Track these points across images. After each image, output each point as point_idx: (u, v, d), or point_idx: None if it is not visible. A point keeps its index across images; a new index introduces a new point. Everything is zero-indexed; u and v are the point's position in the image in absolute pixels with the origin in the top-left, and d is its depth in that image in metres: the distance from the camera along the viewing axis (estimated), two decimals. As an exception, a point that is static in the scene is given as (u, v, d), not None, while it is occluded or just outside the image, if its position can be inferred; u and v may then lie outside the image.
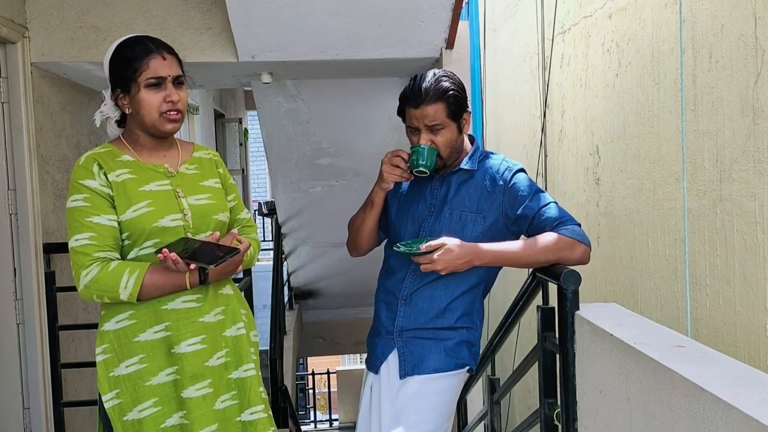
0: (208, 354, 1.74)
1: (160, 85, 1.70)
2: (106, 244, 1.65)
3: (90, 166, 1.69)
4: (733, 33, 1.99)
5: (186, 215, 1.73)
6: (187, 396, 1.70)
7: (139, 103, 1.70)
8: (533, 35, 3.85)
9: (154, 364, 1.70)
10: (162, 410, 1.70)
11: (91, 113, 3.75)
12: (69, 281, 3.37)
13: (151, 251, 1.68)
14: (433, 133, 1.88)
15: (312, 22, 3.12)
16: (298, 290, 7.58)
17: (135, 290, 1.63)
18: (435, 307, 1.97)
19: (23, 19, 3.08)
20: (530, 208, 1.89)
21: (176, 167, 1.79)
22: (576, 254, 1.82)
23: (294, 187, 5.52)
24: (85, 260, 1.63)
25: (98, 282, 1.62)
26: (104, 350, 1.71)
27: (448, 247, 1.78)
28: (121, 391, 1.69)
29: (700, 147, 2.17)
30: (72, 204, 1.67)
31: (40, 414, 3.03)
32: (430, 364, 1.96)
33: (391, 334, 2.01)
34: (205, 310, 1.75)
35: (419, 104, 1.86)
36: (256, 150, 11.74)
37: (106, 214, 1.66)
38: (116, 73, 1.71)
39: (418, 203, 2.00)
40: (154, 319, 1.70)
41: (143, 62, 1.69)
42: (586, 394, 1.67)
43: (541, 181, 3.74)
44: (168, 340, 1.71)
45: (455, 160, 1.96)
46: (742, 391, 1.12)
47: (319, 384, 12.12)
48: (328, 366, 11.20)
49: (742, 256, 1.97)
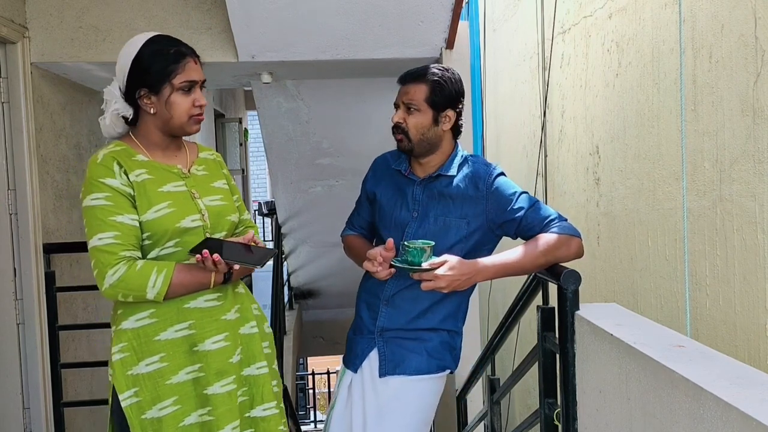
0: (231, 351, 1.77)
1: (191, 89, 1.72)
2: (130, 243, 1.65)
3: (110, 165, 1.67)
4: (733, 33, 1.99)
5: (204, 216, 1.75)
6: (212, 392, 1.72)
7: (170, 105, 1.70)
8: (533, 35, 3.85)
9: (174, 363, 1.71)
10: (181, 409, 1.71)
11: (91, 113, 3.76)
12: (69, 281, 3.38)
13: (173, 251, 1.70)
14: (407, 113, 1.89)
15: (312, 22, 3.12)
16: (298, 290, 7.58)
17: (163, 289, 1.64)
18: (417, 308, 1.95)
19: (23, 19, 3.08)
20: (515, 211, 1.87)
21: (187, 168, 1.80)
22: (573, 249, 1.82)
23: (294, 187, 5.52)
24: (112, 259, 1.62)
25: (126, 281, 1.62)
26: (122, 349, 1.70)
27: (452, 264, 1.75)
28: (140, 390, 1.69)
29: (700, 147, 2.17)
30: (92, 202, 1.65)
31: (40, 414, 3.03)
32: (411, 365, 1.95)
33: (372, 334, 1.99)
34: (226, 308, 1.78)
35: (406, 81, 1.90)
36: (256, 150, 11.74)
37: (128, 213, 1.65)
38: (146, 72, 1.69)
39: (400, 209, 1.98)
40: (177, 318, 1.71)
41: (179, 65, 1.69)
42: (586, 394, 1.67)
43: (541, 181, 3.75)
44: (191, 338, 1.72)
45: (427, 154, 1.94)
46: (742, 391, 1.12)
47: (319, 384, 12.12)
48: (328, 366, 11.20)
49: (742, 256, 1.98)
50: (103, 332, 3.73)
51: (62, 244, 3.26)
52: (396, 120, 1.90)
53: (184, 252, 1.71)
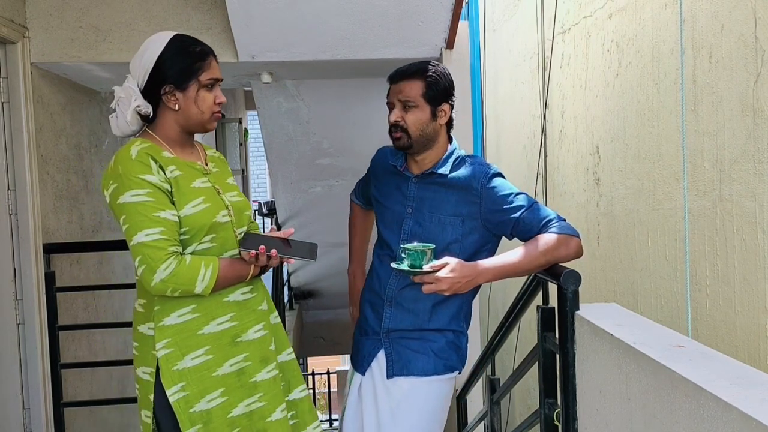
0: (269, 339, 1.85)
1: (213, 86, 1.75)
2: (174, 238, 1.67)
3: (146, 161, 1.68)
4: (733, 33, 1.99)
5: (230, 211, 1.79)
6: (261, 379, 1.79)
7: (196, 101, 1.73)
8: (533, 35, 3.85)
9: (219, 355, 1.74)
10: (228, 400, 1.75)
11: (91, 113, 3.76)
12: (69, 281, 3.38)
13: (209, 246, 1.74)
14: (405, 110, 1.89)
15: (312, 22, 3.13)
16: (298, 290, 7.59)
17: (211, 283, 1.68)
18: (421, 309, 1.95)
19: (23, 19, 3.08)
20: (511, 211, 1.87)
21: (205, 165, 1.83)
22: (572, 249, 1.82)
23: (294, 187, 5.53)
24: (162, 254, 1.64)
25: (177, 276, 1.64)
26: (166, 345, 1.72)
27: (452, 267, 1.75)
28: (187, 384, 1.72)
29: (700, 147, 2.17)
30: (133, 198, 1.65)
31: (40, 414, 3.03)
32: (418, 366, 1.96)
33: (378, 335, 2.00)
34: (259, 299, 1.85)
35: (398, 79, 1.90)
36: (256, 150, 11.73)
37: (169, 209, 1.67)
38: (174, 67, 1.71)
39: (394, 204, 1.99)
40: (218, 312, 1.75)
41: (204, 63, 1.72)
42: (586, 394, 1.67)
43: (541, 181, 3.75)
44: (233, 330, 1.77)
45: (425, 150, 1.94)
46: (742, 391, 1.12)
47: (319, 384, 12.13)
48: (328, 366, 11.21)
49: (742, 256, 1.98)
50: (103, 332, 3.73)
51: (62, 244, 3.26)
52: (394, 119, 1.90)
53: (219, 247, 1.75)
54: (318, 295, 7.63)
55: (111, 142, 4.02)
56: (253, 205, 10.08)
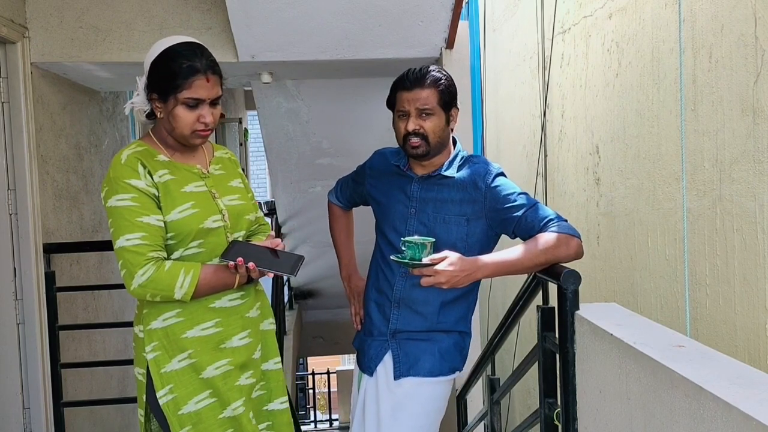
0: (254, 347, 1.84)
1: (197, 106, 1.71)
2: (157, 243, 1.67)
3: (134, 166, 1.68)
4: (733, 33, 1.99)
5: (224, 216, 1.78)
6: (242, 384, 1.79)
7: (173, 117, 1.71)
8: (533, 35, 3.85)
9: (202, 359, 1.74)
10: (217, 402, 1.76)
11: (91, 113, 3.76)
12: (69, 281, 3.38)
13: (196, 252, 1.73)
14: (422, 119, 1.89)
15: (312, 22, 3.12)
16: (298, 290, 7.58)
17: (190, 290, 1.67)
18: (428, 311, 1.96)
19: (23, 19, 3.08)
20: (514, 210, 1.88)
21: (206, 168, 1.82)
22: (572, 249, 1.82)
23: (294, 187, 5.52)
24: (140, 259, 1.64)
25: (155, 281, 1.65)
26: (154, 348, 1.74)
27: (452, 260, 1.75)
28: (175, 386, 1.73)
29: (700, 147, 2.17)
30: (118, 203, 1.66)
31: (40, 414, 3.03)
32: (424, 366, 1.97)
33: (385, 336, 2.00)
34: (249, 305, 1.83)
35: (413, 87, 1.89)
36: (256, 150, 11.72)
37: (154, 214, 1.67)
38: (156, 79, 1.70)
39: (397, 204, 2.00)
40: (203, 317, 1.75)
41: (186, 81, 1.68)
42: (586, 394, 1.67)
43: (541, 181, 3.75)
44: (218, 336, 1.76)
45: (438, 154, 1.95)
46: (742, 391, 1.12)
47: (319, 384, 12.13)
48: (328, 366, 11.21)
49: (742, 256, 1.97)
50: (103, 332, 3.73)
51: (62, 244, 3.26)
52: (413, 127, 1.89)
53: (208, 252, 1.74)
54: (318, 295, 7.63)
55: (111, 142, 4.02)
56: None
